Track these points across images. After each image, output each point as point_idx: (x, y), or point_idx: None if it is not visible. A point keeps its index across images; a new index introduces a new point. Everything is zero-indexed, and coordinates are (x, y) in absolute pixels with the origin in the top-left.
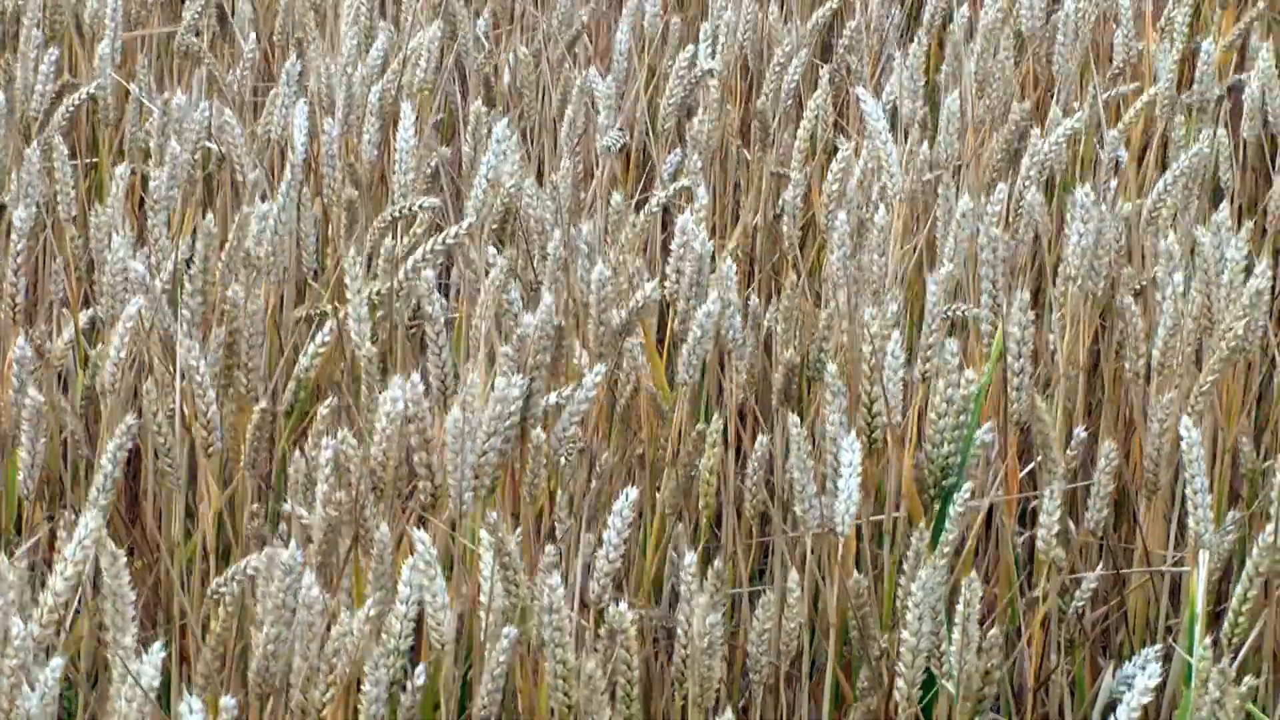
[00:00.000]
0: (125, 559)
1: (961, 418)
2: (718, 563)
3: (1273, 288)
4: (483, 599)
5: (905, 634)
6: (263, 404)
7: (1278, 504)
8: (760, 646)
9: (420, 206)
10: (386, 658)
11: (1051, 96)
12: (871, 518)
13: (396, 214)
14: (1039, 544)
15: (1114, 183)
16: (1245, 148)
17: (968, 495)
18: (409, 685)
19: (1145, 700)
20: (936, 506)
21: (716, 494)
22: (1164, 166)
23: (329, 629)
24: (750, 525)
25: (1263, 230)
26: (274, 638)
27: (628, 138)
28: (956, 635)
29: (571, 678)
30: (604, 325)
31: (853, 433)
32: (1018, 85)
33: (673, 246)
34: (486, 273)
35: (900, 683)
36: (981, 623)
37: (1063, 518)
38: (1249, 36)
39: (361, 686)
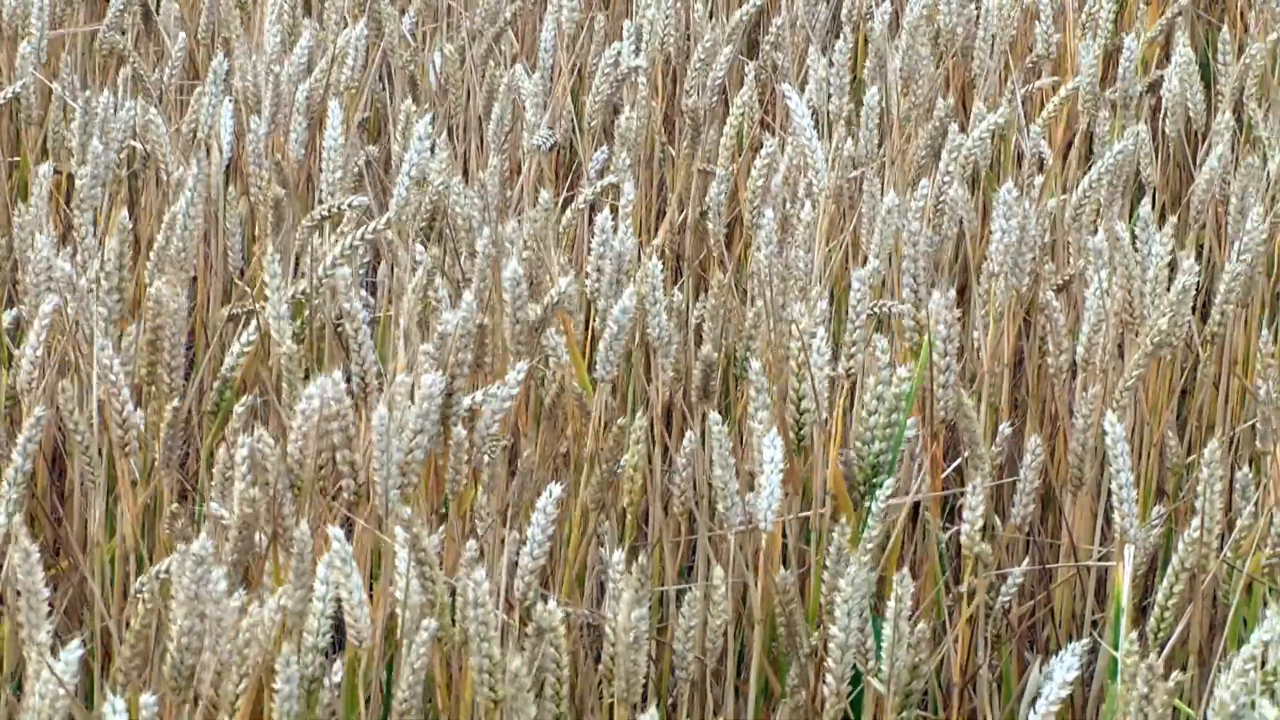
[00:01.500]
0: (38, 554)
1: (893, 415)
2: (643, 558)
3: (1196, 284)
4: (399, 595)
5: (834, 630)
6: (175, 402)
7: (1203, 498)
8: (687, 643)
9: (348, 205)
10: (303, 654)
11: (974, 92)
12: (800, 514)
13: (324, 213)
14: (963, 539)
15: (1039, 179)
16: (1167, 143)
17: (889, 492)
18: (328, 682)
19: (1064, 693)
20: (867, 504)
21: (643, 491)
22: (1088, 162)
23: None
24: (678, 522)
25: (1185, 225)
26: (187, 630)
27: (556, 135)
28: (887, 631)
29: (497, 673)
30: (520, 323)
31: (774, 429)
32: (941, 81)
33: (592, 244)
34: (413, 271)
35: (829, 679)
36: (909, 618)
37: (988, 513)
38: (1172, 32)
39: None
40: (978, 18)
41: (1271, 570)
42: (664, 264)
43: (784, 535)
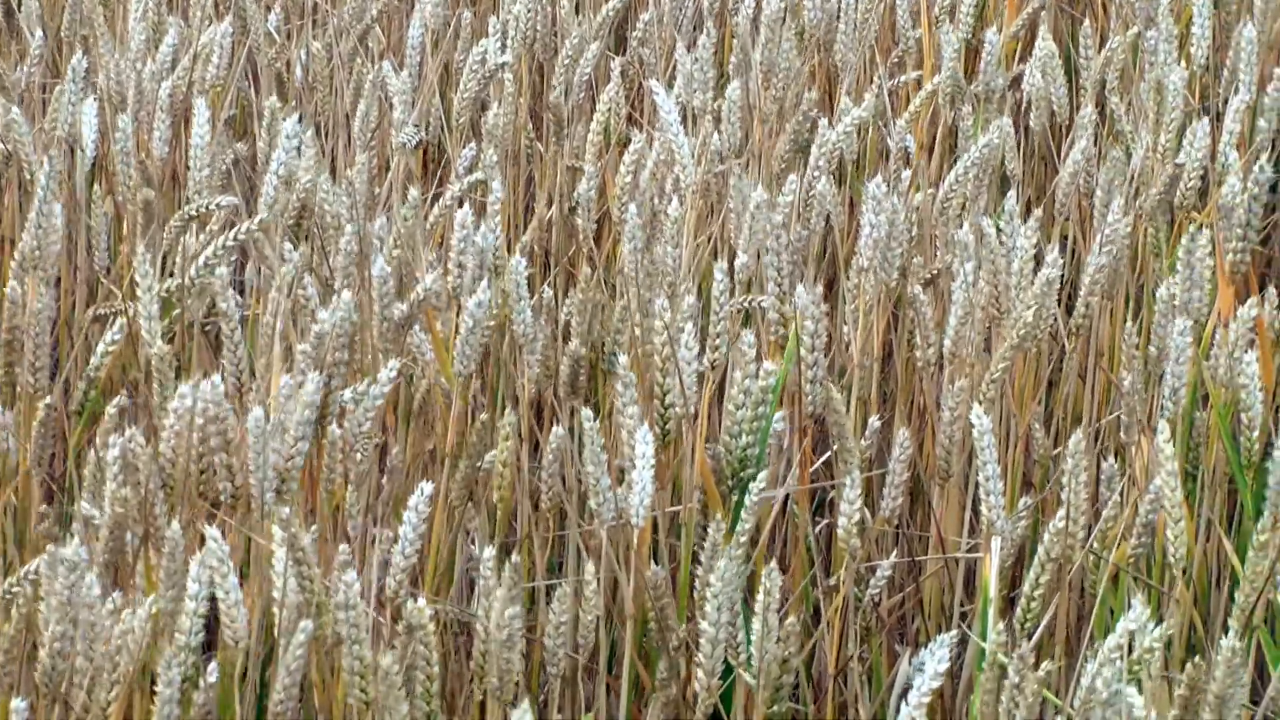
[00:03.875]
0: None
1: (760, 409)
2: (516, 556)
3: (1062, 276)
4: (277, 595)
5: (704, 624)
6: (47, 400)
7: (1069, 490)
8: (557, 639)
9: (217, 205)
10: (178, 655)
11: (838, 86)
12: (669, 509)
13: (193, 212)
14: (839, 532)
15: (906, 173)
16: (1031, 137)
17: (762, 486)
18: (203, 683)
19: (935, 685)
20: (735, 497)
21: (512, 487)
22: (953, 156)
23: (114, 627)
24: (547, 518)
25: (1050, 218)
26: (59, 636)
27: (423, 133)
28: (756, 625)
29: (369, 674)
30: (387, 321)
31: (645, 425)
32: (806, 75)
33: (453, 241)
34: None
35: (699, 673)
36: (780, 612)
37: (860, 507)
38: (1034, 25)
39: (154, 685)
40: (839, 11)
41: (1137, 560)
42: (533, 260)
43: (655, 530)
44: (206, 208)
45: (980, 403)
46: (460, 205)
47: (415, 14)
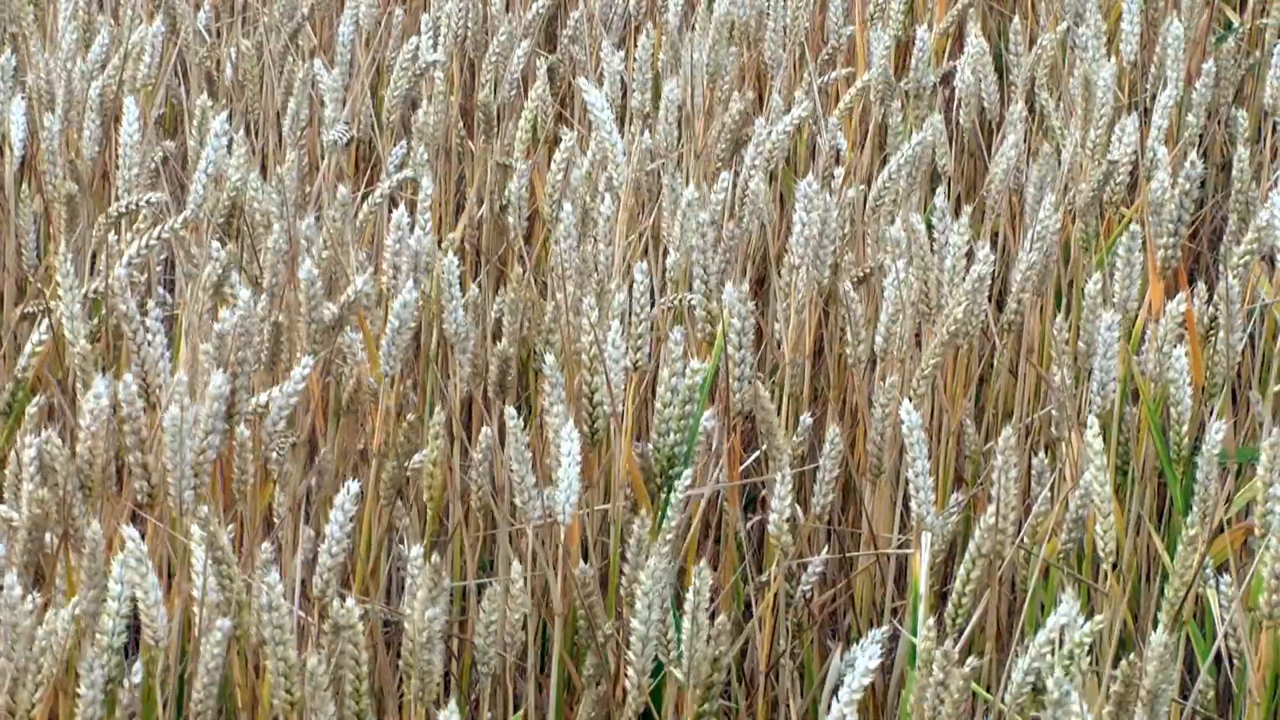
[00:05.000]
0: None
1: (687, 407)
2: (436, 556)
3: (992, 273)
4: (197, 594)
5: (634, 622)
6: None
7: (999, 485)
8: (487, 638)
9: (145, 202)
10: (100, 656)
11: (769, 84)
12: (599, 507)
13: (120, 210)
14: (770, 529)
15: (838, 170)
16: (962, 134)
17: (689, 483)
18: (126, 683)
19: (867, 681)
20: (664, 495)
21: (443, 487)
22: (883, 153)
23: (36, 628)
24: (477, 517)
25: (981, 215)
26: None
27: (354, 131)
28: (686, 623)
29: (294, 674)
30: (315, 322)
31: (570, 423)
32: (737, 74)
33: (387, 241)
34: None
35: (630, 671)
36: (711, 609)
37: (792, 503)
38: (964, 22)
39: (77, 687)
40: (768, 8)
41: (1067, 555)
42: (463, 258)
43: (583, 528)
44: (133, 205)
45: (911, 399)
46: (392, 203)
47: (346, 12)
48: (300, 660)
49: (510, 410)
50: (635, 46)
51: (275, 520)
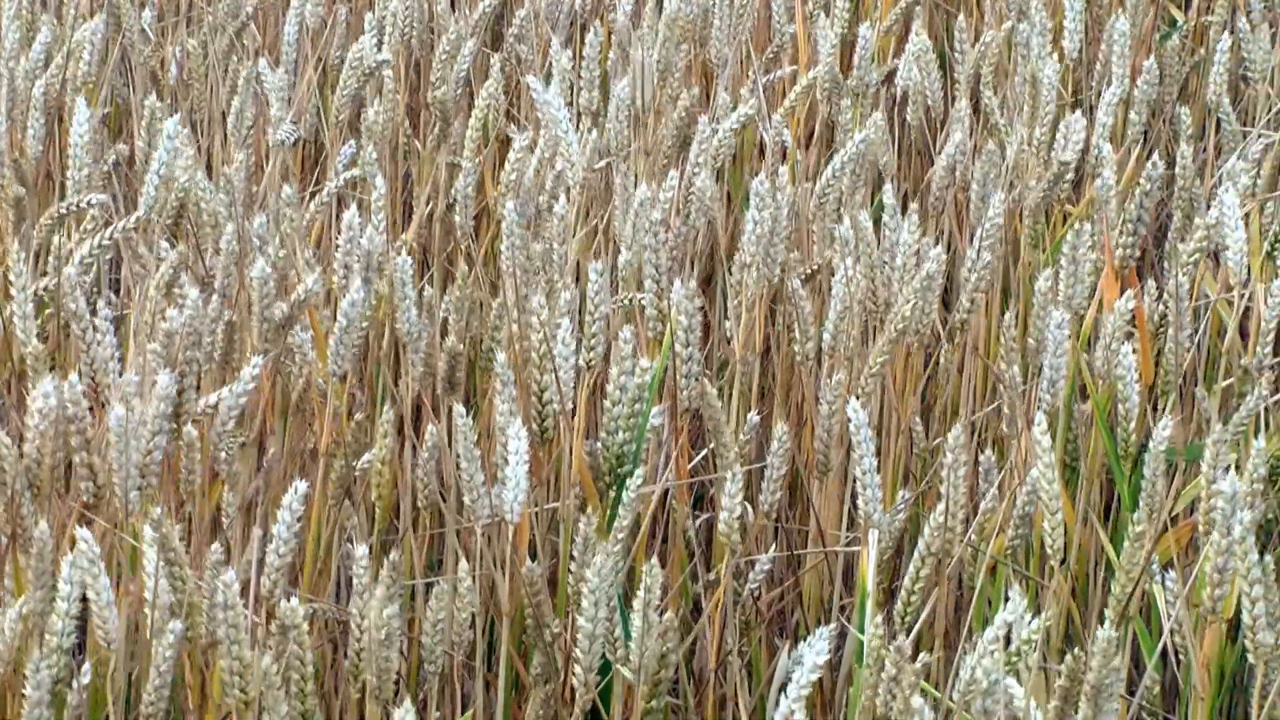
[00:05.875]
0: None
1: (636, 405)
2: (394, 554)
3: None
4: (149, 595)
5: (582, 620)
6: None
7: (948, 483)
8: (435, 637)
9: (89, 203)
10: (48, 656)
11: (714, 82)
12: (548, 505)
13: (66, 210)
14: (721, 527)
15: (784, 169)
16: (908, 131)
17: (640, 481)
18: (75, 684)
19: (814, 677)
20: (612, 493)
21: (393, 485)
22: (829, 150)
23: None
24: (426, 516)
25: (926, 212)
26: None
27: (301, 130)
28: (636, 621)
29: (248, 674)
30: (267, 321)
31: (518, 421)
32: (684, 72)
33: (339, 242)
34: (156, 268)
35: (577, 669)
36: (659, 607)
37: (742, 501)
38: (909, 20)
39: (24, 687)
40: (714, 6)
41: (1014, 552)
42: (411, 257)
43: (532, 527)
44: (80, 205)
45: (859, 397)
46: (339, 203)
47: (291, 10)
48: (253, 659)
49: (459, 408)
50: (583, 45)
51: (224, 520)
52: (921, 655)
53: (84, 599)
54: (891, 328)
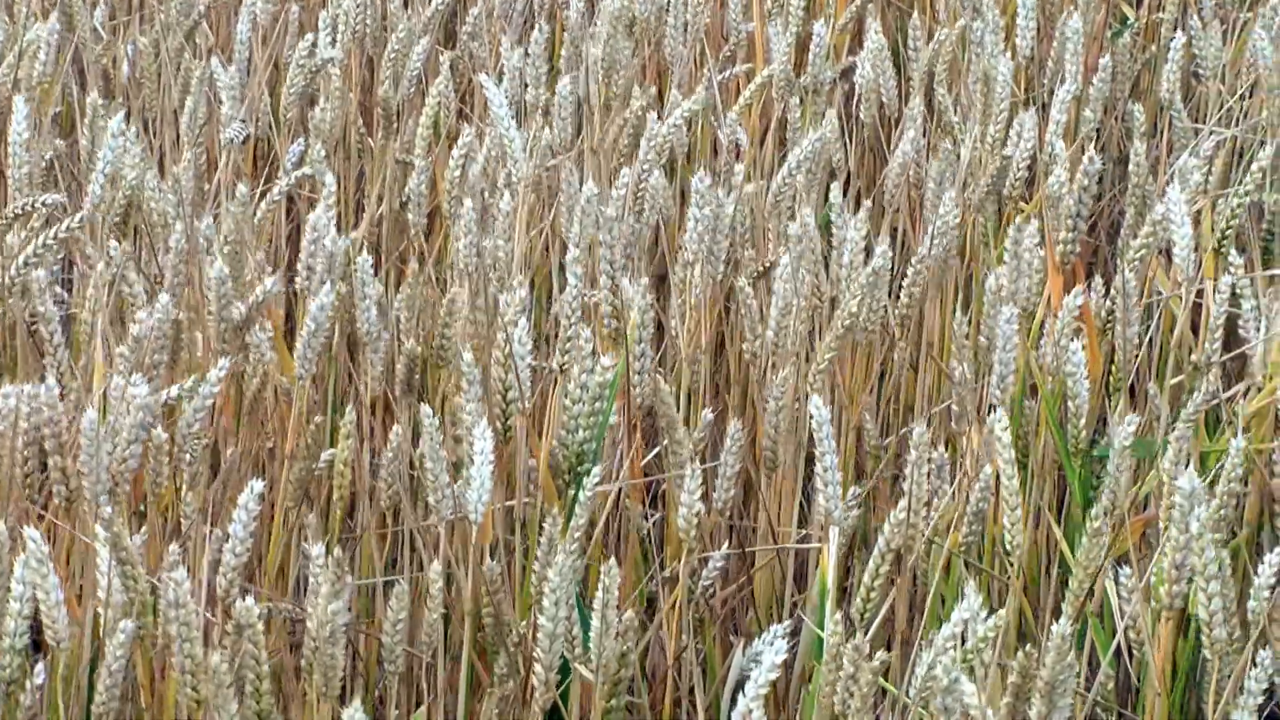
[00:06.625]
0: None
1: (597, 404)
2: (338, 551)
3: (891, 268)
4: (102, 595)
5: (542, 620)
6: None
7: (910, 480)
8: (395, 636)
9: (41, 203)
10: (1, 657)
11: (669, 81)
12: (506, 503)
13: (16, 211)
14: (679, 524)
15: (739, 166)
16: (862, 129)
17: (597, 480)
18: (29, 684)
19: (773, 676)
20: (571, 492)
21: (352, 485)
22: (783, 148)
23: None
24: (385, 515)
25: (880, 210)
26: None
27: (251, 129)
28: (595, 620)
29: (200, 673)
30: (225, 322)
31: (484, 421)
32: (639, 70)
33: (304, 243)
34: (106, 267)
35: (538, 668)
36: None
37: (699, 498)
38: (863, 18)
39: None
40: (669, 4)
41: (968, 548)
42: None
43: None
44: (29, 206)
45: (807, 394)
46: (290, 201)
47: (243, 9)
48: (205, 658)
49: (426, 409)
50: (530, 42)
51: (183, 521)
52: (880, 653)
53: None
54: (839, 324)
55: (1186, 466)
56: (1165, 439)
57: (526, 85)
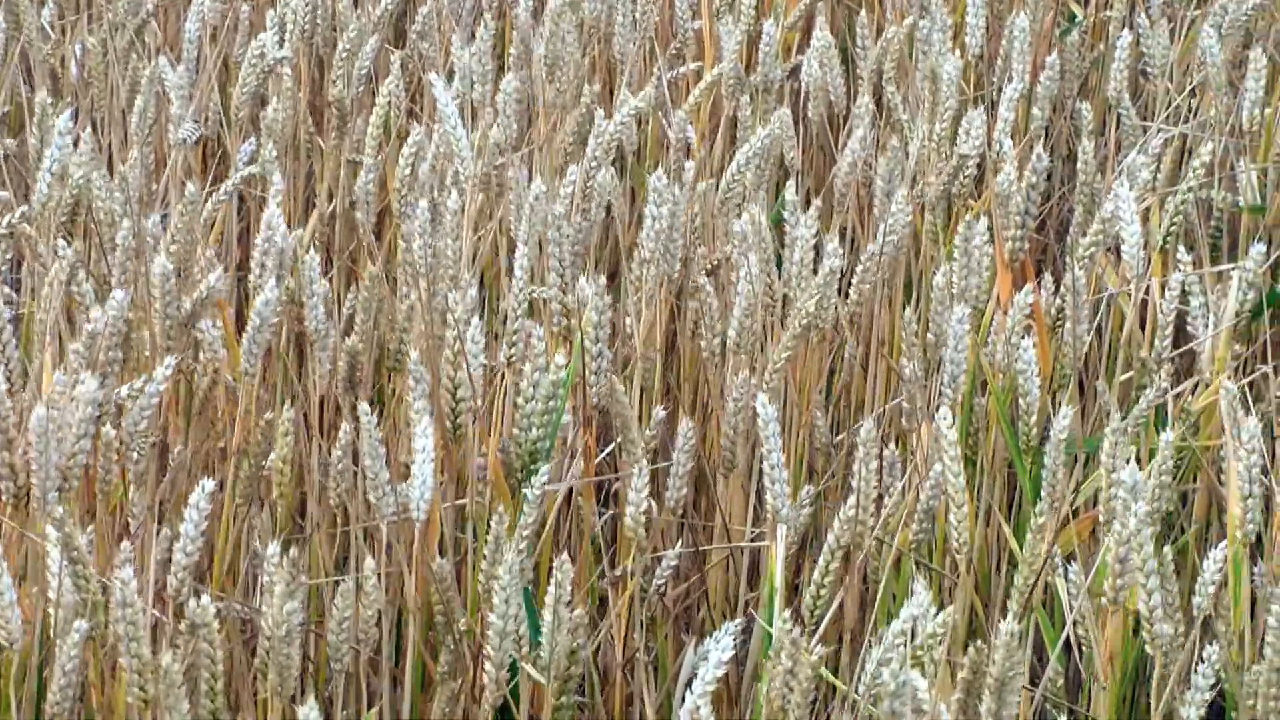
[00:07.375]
0: None
1: (551, 403)
2: (294, 551)
3: (842, 266)
4: (53, 595)
5: (492, 617)
6: None
7: (858, 477)
8: (340, 634)
9: None
10: None
11: (619, 78)
12: (457, 502)
13: None
14: (627, 522)
15: (690, 164)
16: (810, 127)
17: (545, 479)
18: None
19: (721, 673)
20: (524, 491)
21: (296, 484)
22: (733, 146)
23: None
24: (333, 514)
25: (830, 208)
26: None
27: (202, 129)
28: (546, 617)
29: (148, 672)
30: (170, 319)
31: (427, 419)
32: (588, 68)
33: (257, 241)
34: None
35: (488, 666)
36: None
37: (648, 496)
38: (812, 16)
39: None
40: (617, 3)
41: (918, 545)
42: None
43: (444, 524)
44: None
45: (764, 392)
46: (240, 200)
47: (192, 8)
48: (154, 658)
49: (364, 406)
50: (475, 40)
51: (131, 520)
52: (819, 647)
53: None
54: (795, 323)
55: (1127, 462)
56: (1105, 434)
57: (474, 83)
